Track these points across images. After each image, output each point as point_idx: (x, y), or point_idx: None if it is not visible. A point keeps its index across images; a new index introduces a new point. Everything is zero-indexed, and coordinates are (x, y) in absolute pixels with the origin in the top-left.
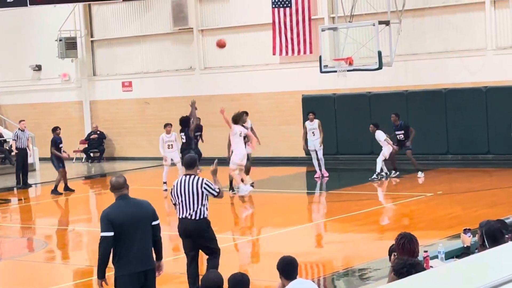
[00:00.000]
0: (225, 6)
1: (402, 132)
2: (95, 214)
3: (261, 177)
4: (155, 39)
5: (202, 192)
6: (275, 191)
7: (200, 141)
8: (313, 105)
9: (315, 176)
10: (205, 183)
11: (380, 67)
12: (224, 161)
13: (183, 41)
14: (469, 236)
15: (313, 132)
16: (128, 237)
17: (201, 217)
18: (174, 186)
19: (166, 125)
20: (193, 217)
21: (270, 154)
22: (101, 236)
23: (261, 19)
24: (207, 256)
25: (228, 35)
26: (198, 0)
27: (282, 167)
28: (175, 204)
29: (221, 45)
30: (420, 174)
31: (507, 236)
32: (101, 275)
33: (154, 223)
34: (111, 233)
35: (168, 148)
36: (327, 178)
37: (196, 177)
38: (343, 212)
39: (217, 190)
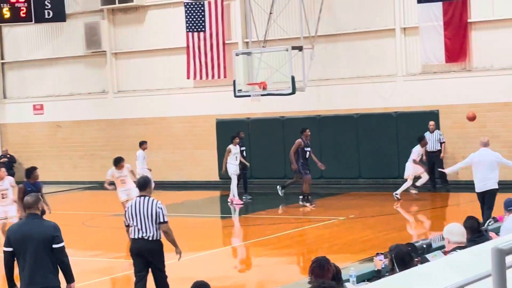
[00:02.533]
0: (139, 30)
1: (310, 150)
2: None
3: (174, 201)
4: (68, 62)
5: (157, 213)
6: (189, 215)
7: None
8: (227, 129)
9: (234, 202)
10: (159, 206)
11: (293, 92)
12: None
13: (96, 64)
14: (380, 260)
15: (236, 157)
16: (20, 255)
17: (157, 238)
18: (128, 207)
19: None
20: (149, 238)
21: (184, 178)
22: (3, 250)
23: (175, 43)
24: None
25: (142, 58)
26: (111, 23)
27: (196, 191)
28: (128, 226)
29: (471, 117)
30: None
31: (416, 259)
32: (9, 286)
33: (55, 246)
34: (10, 249)
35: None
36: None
37: (151, 199)
38: (256, 236)
39: (167, 219)
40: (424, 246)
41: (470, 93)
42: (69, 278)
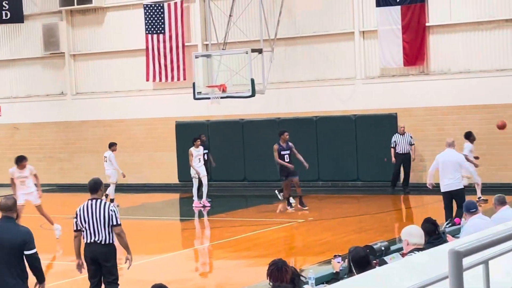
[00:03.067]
0: (97, 31)
1: (289, 152)
2: None
3: (133, 204)
4: (25, 64)
5: (110, 216)
6: (148, 218)
7: None
8: (186, 132)
9: (194, 206)
10: (111, 208)
11: (253, 95)
12: None
13: (54, 65)
14: (339, 262)
15: (199, 159)
16: None
17: (110, 241)
18: (78, 211)
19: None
20: (102, 242)
21: (143, 181)
22: None
23: (134, 44)
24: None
25: (100, 60)
26: (70, 25)
27: (155, 194)
28: (77, 231)
29: (501, 126)
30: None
31: (374, 261)
32: None
33: (26, 252)
34: None
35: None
36: (209, 208)
37: (102, 202)
38: (216, 238)
39: (120, 222)
40: (383, 248)
41: (428, 96)
42: (40, 279)
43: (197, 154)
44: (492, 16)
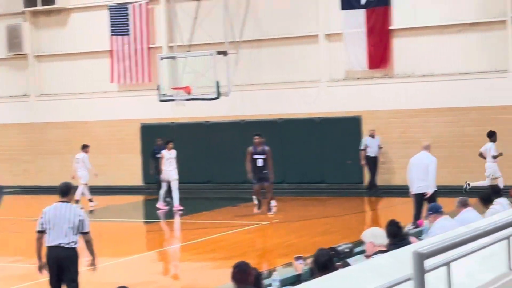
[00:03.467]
0: (61, 33)
1: (263, 157)
2: None
3: (98, 205)
4: None
5: (80, 222)
6: (112, 220)
7: None
8: (151, 134)
9: (159, 207)
10: (81, 214)
11: (218, 97)
12: None
13: (17, 67)
14: (301, 263)
15: (170, 162)
16: None
17: (74, 246)
18: (45, 212)
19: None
20: (66, 246)
21: (108, 183)
22: None
23: (99, 46)
24: None
25: (65, 61)
26: (33, 26)
27: (120, 196)
28: (40, 232)
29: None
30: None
31: (338, 263)
32: None
33: None
34: None
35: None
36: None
37: (72, 206)
38: (181, 241)
39: (89, 229)
40: (347, 250)
41: (392, 99)
42: None
43: (168, 157)
44: (456, 20)
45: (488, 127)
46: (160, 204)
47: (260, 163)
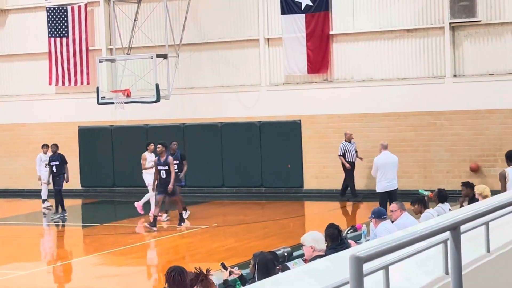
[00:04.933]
0: None
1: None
2: None
3: (34, 209)
4: None
5: None
6: (50, 224)
7: None
8: (90, 137)
9: (137, 206)
10: None
11: (157, 100)
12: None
13: None
14: (225, 271)
15: (152, 165)
16: None
17: None
18: None
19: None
20: None
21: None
22: None
23: (37, 48)
24: None
25: (2, 63)
26: None
27: None
28: None
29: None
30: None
31: (277, 267)
32: None
33: None
34: None
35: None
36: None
37: None
38: (119, 245)
39: None
40: (285, 254)
41: (331, 103)
42: None
43: (150, 159)
44: (394, 26)
45: (426, 132)
46: (138, 204)
47: (163, 174)
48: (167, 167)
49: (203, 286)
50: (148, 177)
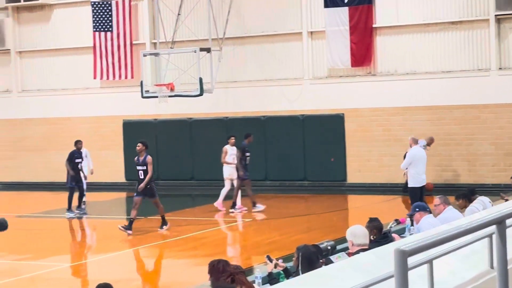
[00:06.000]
0: (44, 28)
1: (143, 168)
2: None
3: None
4: None
5: None
6: (94, 217)
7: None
8: (134, 130)
9: (237, 208)
10: None
11: (201, 94)
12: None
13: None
14: (270, 263)
15: (233, 158)
16: None
17: None
18: None
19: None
20: None
21: (90, 180)
22: None
23: (81, 42)
24: None
25: (47, 57)
26: (16, 21)
27: (102, 193)
28: None
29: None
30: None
31: (321, 261)
32: None
33: None
34: None
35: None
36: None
37: None
38: (162, 238)
39: None
40: (329, 247)
41: (375, 97)
42: None
43: (231, 152)
44: (438, 18)
45: (470, 126)
46: (219, 204)
47: (141, 175)
48: (145, 167)
49: (238, 283)
50: (227, 170)
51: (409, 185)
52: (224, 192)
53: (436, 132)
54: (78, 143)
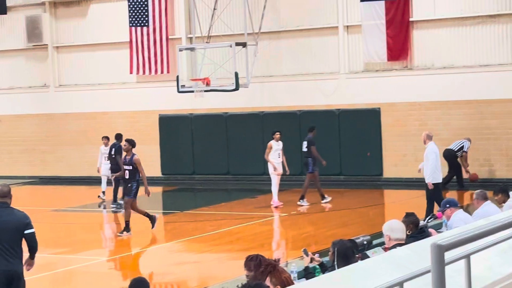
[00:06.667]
0: (81, 23)
1: (129, 168)
2: None
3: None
4: (8, 55)
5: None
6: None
7: None
8: (170, 125)
9: (275, 205)
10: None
11: (236, 88)
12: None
13: (37, 57)
14: (307, 257)
15: (279, 154)
16: None
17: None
18: None
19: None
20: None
21: None
22: None
23: (118, 37)
24: None
25: (84, 52)
26: (53, 17)
27: None
28: None
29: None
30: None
31: (357, 255)
32: None
33: (26, 231)
34: None
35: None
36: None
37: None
38: (198, 232)
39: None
40: (365, 242)
41: (411, 91)
42: (33, 255)
43: (277, 148)
44: (476, 12)
45: (509, 120)
46: (273, 201)
47: (127, 174)
48: (130, 167)
49: (273, 277)
50: (275, 165)
51: (431, 182)
52: (274, 188)
53: (474, 126)
54: (120, 137)
